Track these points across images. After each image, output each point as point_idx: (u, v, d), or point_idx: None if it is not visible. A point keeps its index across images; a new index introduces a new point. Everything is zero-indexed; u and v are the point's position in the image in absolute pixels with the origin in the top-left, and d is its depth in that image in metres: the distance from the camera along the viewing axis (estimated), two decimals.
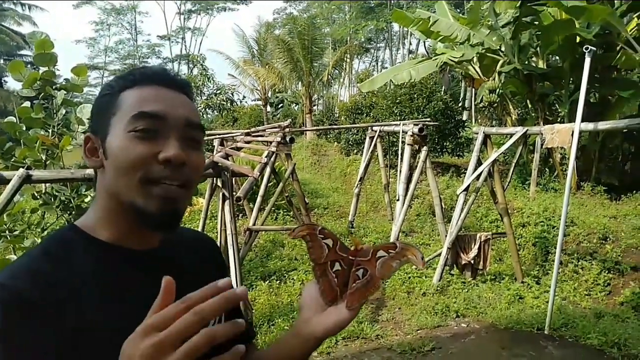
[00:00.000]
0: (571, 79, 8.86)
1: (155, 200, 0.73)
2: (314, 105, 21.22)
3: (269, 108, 24.12)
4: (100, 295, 0.72)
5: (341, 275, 0.84)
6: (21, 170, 2.84)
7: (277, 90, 23.66)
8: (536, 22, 8.39)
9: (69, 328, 0.67)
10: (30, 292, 0.66)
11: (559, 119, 9.65)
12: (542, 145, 6.92)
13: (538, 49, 9.45)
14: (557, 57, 9.81)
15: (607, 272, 5.69)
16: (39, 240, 3.48)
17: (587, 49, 3.95)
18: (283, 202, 7.43)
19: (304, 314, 0.84)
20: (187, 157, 0.75)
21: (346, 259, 0.85)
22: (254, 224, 6.00)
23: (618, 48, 8.22)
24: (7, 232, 3.44)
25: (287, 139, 5.88)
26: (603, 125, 4.45)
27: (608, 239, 6.33)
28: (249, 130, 7.13)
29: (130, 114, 0.74)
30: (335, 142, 15.07)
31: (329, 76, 19.42)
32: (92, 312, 0.70)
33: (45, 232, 3.62)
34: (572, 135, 4.25)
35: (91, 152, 0.78)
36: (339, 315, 0.80)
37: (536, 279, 5.60)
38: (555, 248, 4.51)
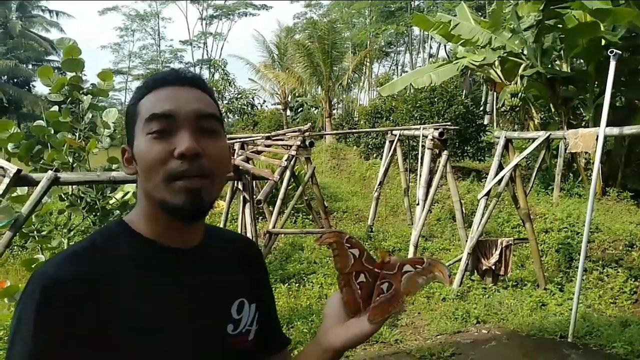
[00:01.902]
0: (596, 82, 8.68)
1: (179, 194, 0.76)
2: (334, 109, 21.24)
3: (288, 112, 24.25)
4: (136, 288, 0.76)
5: (365, 287, 0.82)
6: (50, 172, 2.93)
7: (297, 94, 23.81)
8: (560, 25, 8.26)
9: (104, 317, 0.71)
10: (70, 281, 0.71)
11: (583, 123, 9.45)
12: (565, 149, 6.79)
13: (562, 52, 9.28)
14: (582, 61, 9.62)
15: (633, 280, 5.55)
16: (65, 241, 3.57)
17: (612, 52, 3.88)
18: (302, 205, 7.46)
19: (325, 325, 0.84)
20: (204, 147, 0.77)
21: (372, 271, 0.84)
22: (273, 227, 6.04)
23: None
24: (35, 232, 3.54)
25: (307, 143, 5.92)
26: (629, 129, 4.34)
27: (635, 246, 6.18)
28: (269, 134, 7.19)
29: (144, 118, 0.78)
30: (355, 146, 15.06)
31: (349, 80, 19.44)
32: (128, 303, 0.73)
33: (72, 233, 3.71)
34: (597, 140, 4.17)
35: (128, 162, 0.83)
36: (360, 328, 0.80)
37: (559, 286, 5.49)
38: (579, 254, 4.43)
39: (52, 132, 3.60)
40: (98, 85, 3.82)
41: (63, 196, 3.67)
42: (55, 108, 3.68)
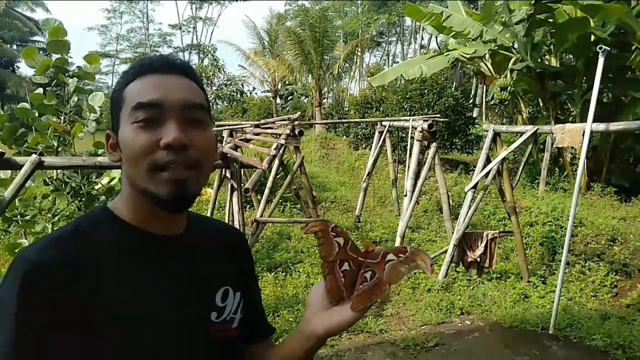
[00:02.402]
0: (584, 78, 8.76)
1: (164, 185, 0.75)
2: (324, 99, 21.17)
3: (278, 100, 24.12)
4: (119, 274, 0.75)
5: (348, 276, 0.83)
6: (34, 156, 2.88)
7: (287, 82, 23.69)
8: (550, 20, 8.30)
9: (88, 302, 0.70)
10: (55, 264, 0.70)
11: (571, 118, 9.56)
12: (552, 144, 6.87)
13: (551, 47, 9.35)
14: (571, 56, 9.71)
15: (614, 273, 5.65)
16: (49, 226, 3.52)
17: (600, 48, 3.91)
18: (290, 194, 7.46)
19: (308, 312, 0.85)
20: (190, 138, 0.76)
21: (355, 260, 0.84)
22: (261, 216, 6.03)
23: (633, 48, 8.11)
24: (18, 216, 3.49)
25: (296, 132, 5.89)
26: (615, 126, 4.39)
27: (616, 241, 6.28)
28: (258, 122, 7.14)
29: (130, 106, 0.77)
30: (344, 136, 15.04)
31: (340, 69, 19.38)
32: (111, 289, 0.73)
33: (56, 218, 3.66)
34: (583, 135, 4.21)
35: (112, 148, 0.82)
36: (342, 316, 0.80)
37: (542, 279, 5.58)
38: (563, 248, 4.49)
39: (37, 115, 3.54)
40: (84, 68, 3.76)
41: (47, 180, 3.62)
42: (40, 90, 3.62)
